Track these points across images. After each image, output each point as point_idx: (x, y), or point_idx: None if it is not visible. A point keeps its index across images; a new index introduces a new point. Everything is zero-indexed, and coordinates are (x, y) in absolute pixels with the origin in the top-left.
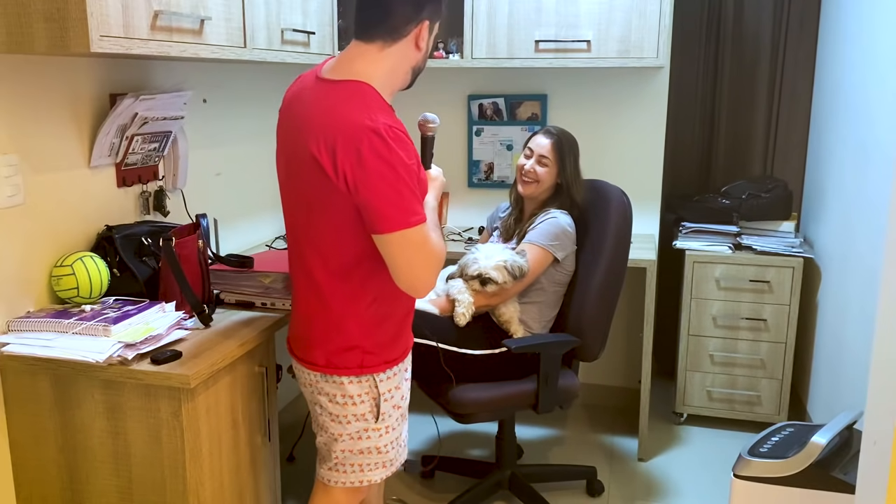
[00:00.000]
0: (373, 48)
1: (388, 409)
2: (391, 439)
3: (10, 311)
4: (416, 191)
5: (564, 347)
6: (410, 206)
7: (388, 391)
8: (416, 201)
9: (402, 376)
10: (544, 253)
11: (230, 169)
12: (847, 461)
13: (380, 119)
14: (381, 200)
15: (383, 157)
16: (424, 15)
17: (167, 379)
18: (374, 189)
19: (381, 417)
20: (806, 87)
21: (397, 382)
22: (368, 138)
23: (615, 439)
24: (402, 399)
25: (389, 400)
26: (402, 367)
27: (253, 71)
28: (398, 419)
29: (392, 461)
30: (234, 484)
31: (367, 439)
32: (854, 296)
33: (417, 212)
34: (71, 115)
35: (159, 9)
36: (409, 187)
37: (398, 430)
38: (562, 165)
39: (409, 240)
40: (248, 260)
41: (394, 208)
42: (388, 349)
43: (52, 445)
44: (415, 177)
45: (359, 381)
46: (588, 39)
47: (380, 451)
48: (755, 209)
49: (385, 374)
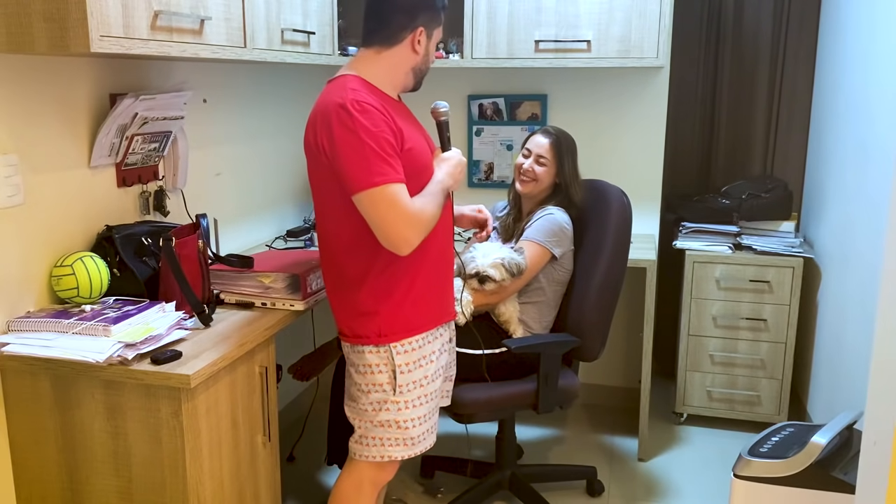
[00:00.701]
0: (371, 52)
1: (406, 382)
2: (412, 416)
3: (10, 311)
4: (386, 155)
5: (564, 347)
6: (376, 167)
7: (405, 364)
8: (383, 164)
9: (425, 354)
10: (542, 250)
11: (230, 169)
12: (847, 461)
13: (348, 95)
14: (348, 165)
15: (347, 126)
16: (419, 22)
17: (167, 379)
18: (341, 155)
19: (399, 390)
20: (806, 87)
21: (416, 358)
22: (336, 112)
23: (615, 439)
24: (425, 378)
25: (407, 374)
26: (426, 342)
27: (253, 71)
28: (421, 398)
29: (414, 440)
30: (234, 484)
31: (387, 411)
32: (854, 296)
33: (384, 173)
34: (71, 115)
35: (159, 9)
36: (374, 151)
37: (421, 410)
38: (560, 165)
39: (376, 198)
40: (248, 260)
41: (358, 170)
42: (406, 318)
43: (52, 445)
44: (384, 142)
45: (377, 351)
46: (588, 39)
47: (399, 426)
48: (755, 209)
49: (402, 345)
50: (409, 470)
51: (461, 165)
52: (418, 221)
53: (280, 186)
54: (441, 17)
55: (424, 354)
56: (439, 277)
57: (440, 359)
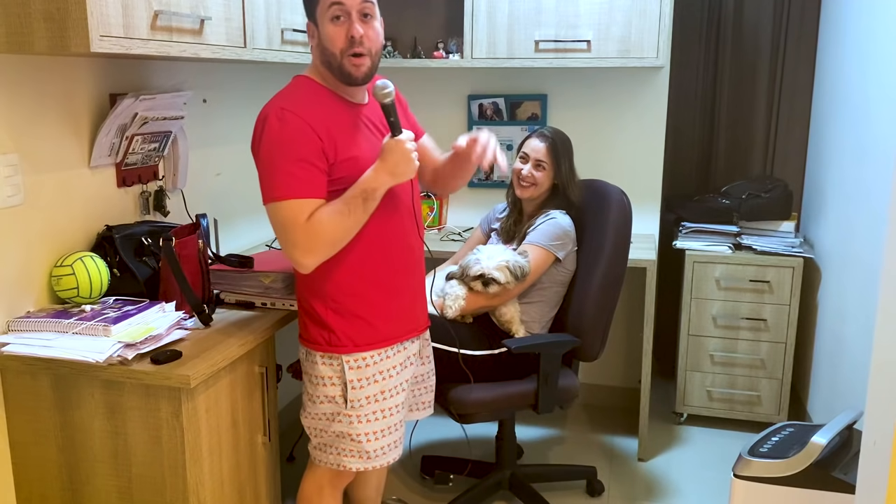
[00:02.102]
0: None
1: (358, 397)
2: (366, 430)
3: (10, 311)
4: (296, 168)
5: (564, 347)
6: (277, 181)
7: (357, 380)
8: (288, 177)
9: (387, 370)
10: (546, 253)
11: (230, 169)
12: (847, 461)
13: (274, 103)
14: (260, 176)
15: (263, 137)
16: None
17: (167, 379)
18: (257, 166)
19: (351, 404)
20: (806, 87)
21: (373, 373)
22: (260, 121)
23: (615, 439)
24: (382, 394)
25: (359, 389)
26: (384, 357)
27: (253, 71)
28: (378, 413)
29: (370, 455)
30: (234, 484)
31: (339, 423)
32: (854, 296)
33: (282, 187)
34: (71, 115)
35: (159, 9)
36: (280, 165)
37: (378, 425)
38: (557, 167)
39: (272, 213)
40: (248, 260)
41: (264, 183)
42: (356, 332)
43: (52, 445)
44: (293, 155)
45: (330, 363)
46: (588, 39)
47: (352, 439)
48: (755, 209)
49: (354, 360)
50: (410, 470)
51: (399, 153)
52: (310, 240)
53: None
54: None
55: (381, 370)
56: (400, 291)
57: (403, 373)
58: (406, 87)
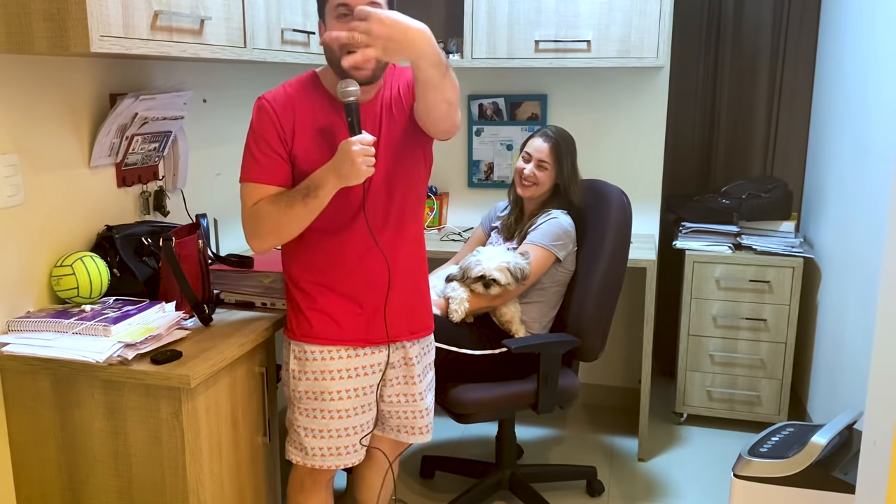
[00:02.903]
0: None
1: (297, 388)
2: (304, 425)
3: (10, 311)
4: (259, 153)
5: (564, 347)
6: (243, 162)
7: (298, 371)
8: (251, 161)
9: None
10: (546, 253)
11: (230, 169)
12: (847, 461)
13: (266, 94)
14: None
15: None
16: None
17: (167, 379)
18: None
19: (293, 393)
20: (806, 87)
21: (314, 369)
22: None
23: (615, 439)
24: (322, 395)
25: (297, 381)
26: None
27: (253, 71)
28: (317, 413)
29: (306, 451)
30: (234, 484)
31: (289, 409)
32: (854, 296)
33: (246, 170)
34: (71, 115)
35: (159, 9)
36: (247, 148)
37: (315, 424)
38: (560, 167)
39: (241, 192)
40: (248, 260)
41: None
42: (297, 322)
43: (52, 445)
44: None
45: (287, 347)
46: (588, 39)
47: (294, 430)
48: (755, 209)
49: (298, 349)
50: (410, 470)
51: (344, 155)
52: (252, 224)
53: None
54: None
55: (322, 369)
56: (355, 290)
57: (352, 381)
58: None
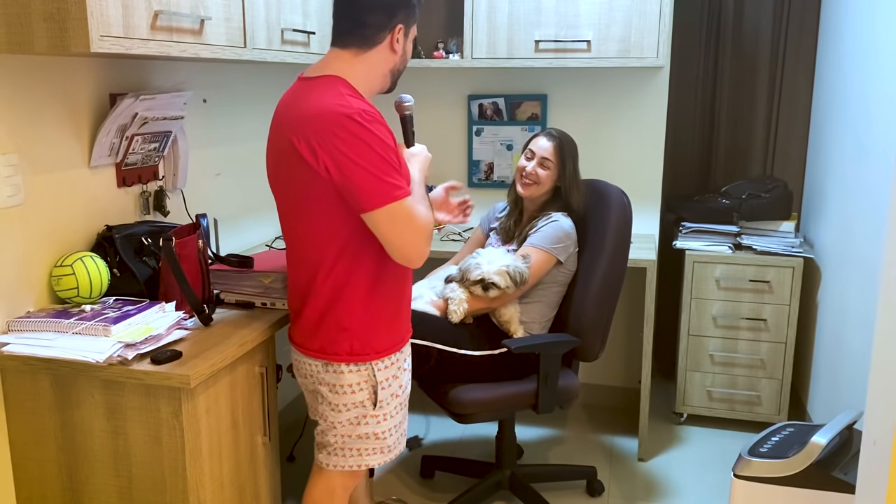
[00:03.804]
0: (347, 54)
1: (385, 397)
2: (390, 426)
3: (10, 311)
4: (397, 167)
5: (564, 347)
6: (393, 181)
7: (385, 380)
8: (398, 176)
9: (401, 366)
10: (547, 256)
11: (230, 169)
12: (847, 461)
13: (353, 104)
14: (363, 180)
15: (360, 138)
16: (397, 21)
17: (167, 379)
18: (355, 170)
19: (380, 405)
20: (806, 87)
21: (394, 372)
22: (343, 123)
23: (615, 439)
24: (399, 388)
25: (387, 388)
26: (400, 356)
27: (253, 71)
28: (397, 407)
29: (391, 448)
30: (234, 484)
31: (366, 425)
32: (854, 296)
33: (400, 186)
34: (71, 115)
35: (159, 9)
36: (389, 164)
37: (397, 419)
38: (562, 168)
39: (395, 214)
40: (248, 260)
41: (377, 184)
42: (382, 336)
43: (52, 445)
44: (394, 154)
45: (357, 370)
46: (588, 39)
47: (378, 437)
48: (755, 209)
49: (382, 362)
50: (410, 470)
51: (428, 161)
52: (428, 233)
53: None
54: (417, 12)
55: (401, 365)
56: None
57: (409, 365)
58: (406, 88)
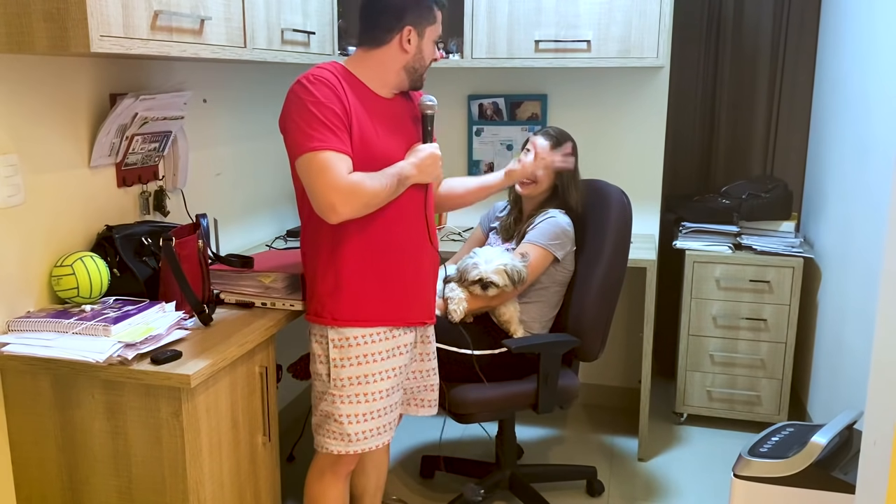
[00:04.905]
0: (360, 51)
1: (340, 377)
2: (347, 412)
3: (10, 311)
4: (331, 125)
5: (564, 347)
6: (317, 133)
7: (340, 359)
8: (325, 131)
9: (372, 354)
10: (544, 253)
11: (230, 169)
12: (847, 461)
13: (308, 72)
14: (292, 132)
15: (297, 95)
16: (406, 22)
17: (167, 379)
18: (288, 124)
19: (334, 383)
20: (806, 87)
21: (357, 354)
22: (294, 87)
23: (615, 439)
24: (365, 377)
25: (341, 368)
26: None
27: (253, 71)
28: (361, 396)
29: (352, 437)
30: (234, 484)
31: (326, 403)
32: (854, 296)
33: (323, 140)
34: (71, 115)
35: (159, 9)
36: (317, 119)
37: (360, 408)
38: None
39: (310, 163)
40: (248, 260)
41: (299, 136)
42: (341, 306)
43: (52, 445)
44: (329, 112)
45: (319, 341)
46: (588, 39)
47: (335, 420)
48: (755, 209)
49: (338, 337)
50: (410, 470)
51: (432, 158)
52: (350, 192)
53: (280, 186)
54: (435, 12)
55: (366, 353)
56: (404, 275)
57: (391, 360)
58: None
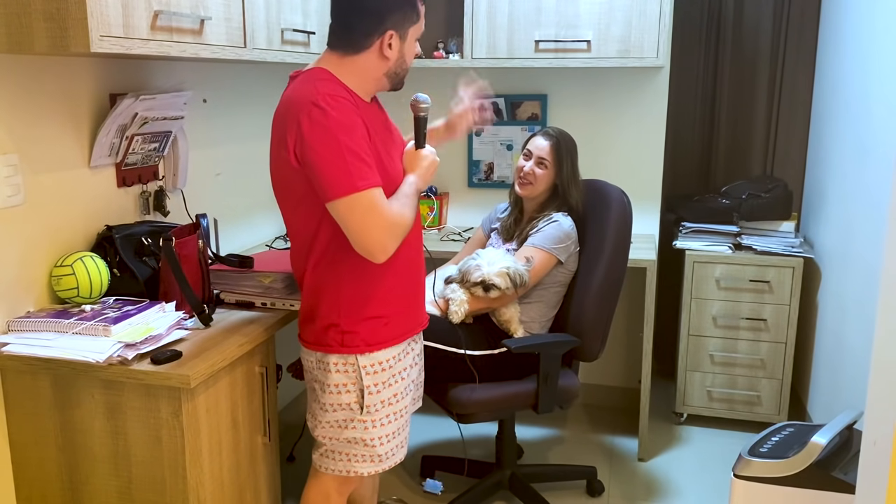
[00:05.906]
0: (335, 55)
1: (374, 402)
2: (380, 434)
3: (10, 311)
4: (364, 155)
5: (564, 347)
6: (356, 170)
7: (374, 385)
8: (362, 166)
9: (399, 372)
10: (548, 256)
11: (230, 169)
12: (847, 461)
13: (320, 89)
14: (325, 168)
15: (322, 125)
16: (387, 26)
17: (167, 379)
18: (317, 158)
19: (367, 410)
20: (806, 87)
21: (387, 377)
22: (308, 110)
23: (615, 439)
24: (394, 397)
25: (376, 394)
26: (397, 360)
27: (253, 71)
28: (390, 416)
29: (382, 457)
30: (234, 484)
31: (353, 430)
32: (854, 296)
33: (364, 176)
34: (71, 115)
35: (159, 9)
36: (352, 152)
37: (390, 428)
38: (559, 167)
39: (354, 204)
40: (248, 260)
41: (339, 174)
42: (370, 331)
43: (52, 445)
44: (360, 140)
45: (345, 371)
46: (588, 39)
47: (366, 444)
48: (755, 209)
49: (371, 366)
50: (410, 470)
51: (434, 166)
52: (396, 227)
53: None
54: (418, 10)
55: (395, 373)
56: (409, 287)
57: (411, 373)
58: (406, 87)
